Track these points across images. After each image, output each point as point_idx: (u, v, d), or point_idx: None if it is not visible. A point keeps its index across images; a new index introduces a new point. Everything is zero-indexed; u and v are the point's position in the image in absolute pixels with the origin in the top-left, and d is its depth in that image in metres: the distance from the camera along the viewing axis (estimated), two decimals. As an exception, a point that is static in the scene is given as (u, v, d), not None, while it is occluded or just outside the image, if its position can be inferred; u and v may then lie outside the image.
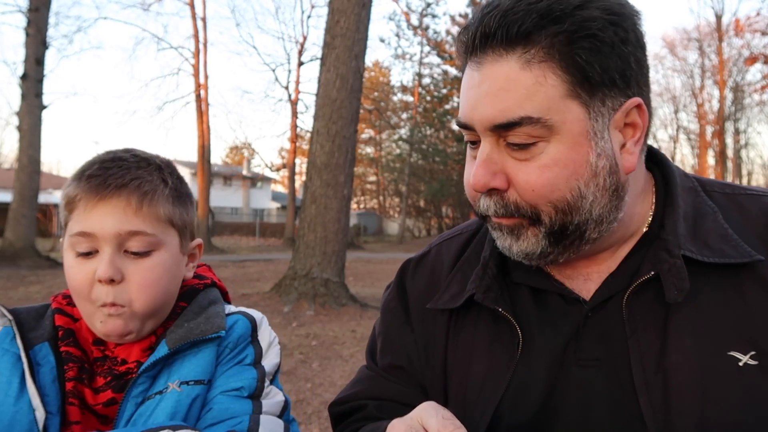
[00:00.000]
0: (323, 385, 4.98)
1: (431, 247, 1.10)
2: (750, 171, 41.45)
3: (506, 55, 0.77)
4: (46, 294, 9.72)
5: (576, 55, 0.75)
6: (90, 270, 0.88)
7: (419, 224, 45.73)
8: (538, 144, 0.78)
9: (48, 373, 0.89)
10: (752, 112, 36.86)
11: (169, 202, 0.94)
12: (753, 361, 0.76)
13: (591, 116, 0.78)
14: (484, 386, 0.89)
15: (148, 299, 0.90)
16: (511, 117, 0.77)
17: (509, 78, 0.77)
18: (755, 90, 32.12)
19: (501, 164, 0.81)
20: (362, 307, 8.81)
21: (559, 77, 0.76)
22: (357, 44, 9.00)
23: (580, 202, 0.79)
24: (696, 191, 0.90)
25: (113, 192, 0.89)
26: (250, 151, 49.91)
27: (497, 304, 0.89)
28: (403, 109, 43.86)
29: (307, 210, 9.02)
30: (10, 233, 14.48)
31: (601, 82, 0.77)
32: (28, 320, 0.94)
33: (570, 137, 0.77)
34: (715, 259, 0.80)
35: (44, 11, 15.21)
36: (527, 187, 0.80)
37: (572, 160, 0.78)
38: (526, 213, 0.81)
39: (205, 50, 28.19)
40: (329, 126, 8.91)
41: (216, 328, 0.92)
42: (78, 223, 0.89)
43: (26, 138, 14.59)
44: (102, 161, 0.92)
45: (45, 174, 33.91)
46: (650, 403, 0.76)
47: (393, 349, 1.02)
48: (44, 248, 16.79)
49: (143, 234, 0.90)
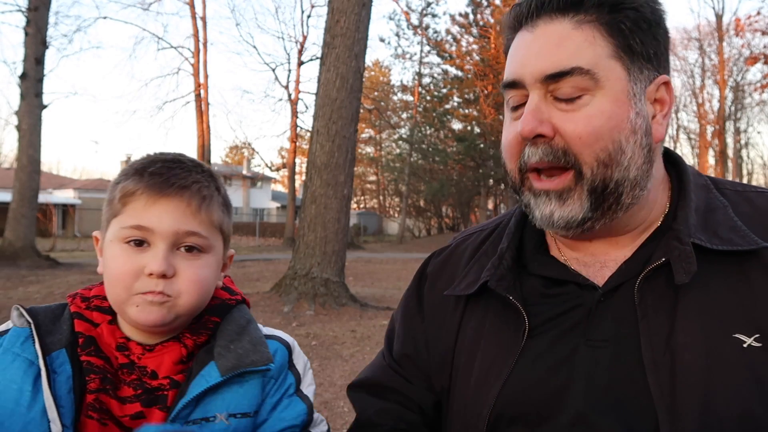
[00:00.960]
0: (323, 385, 4.98)
1: (454, 241, 1.16)
2: (750, 171, 41.48)
3: (559, 17, 0.87)
4: (46, 294, 9.71)
5: (621, 23, 0.85)
6: (139, 262, 0.88)
7: (419, 224, 45.76)
8: (584, 97, 0.85)
9: (64, 382, 0.85)
10: (752, 111, 36.91)
11: (220, 210, 0.97)
12: (757, 343, 0.79)
13: (631, 78, 0.86)
14: (489, 372, 0.92)
15: (194, 296, 0.91)
16: (562, 67, 0.84)
17: (562, 35, 0.86)
18: (755, 89, 32.11)
19: (548, 114, 0.86)
20: (362, 307, 8.81)
21: (606, 39, 0.85)
22: (357, 44, 8.99)
23: (620, 156, 0.85)
24: (708, 188, 0.95)
25: (176, 191, 0.90)
26: (250, 151, 49.97)
27: (509, 292, 0.93)
28: (403, 108, 43.89)
29: (307, 210, 9.02)
30: (10, 233, 14.47)
31: (639, 52, 0.86)
32: (46, 322, 0.91)
33: (613, 93, 0.85)
34: (724, 246, 0.84)
35: (44, 10, 15.19)
36: (574, 135, 0.85)
37: (615, 114, 0.84)
38: (570, 161, 0.86)
39: (205, 50, 28.22)
40: (329, 126, 8.91)
41: (266, 360, 0.92)
42: (134, 217, 0.89)
43: (26, 138, 14.58)
44: (163, 161, 0.94)
45: (45, 174, 33.91)
46: (658, 381, 0.80)
47: (404, 336, 1.08)
48: (44, 248, 16.80)
49: (198, 235, 0.92)
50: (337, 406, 4.42)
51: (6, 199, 17.83)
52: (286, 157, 40.42)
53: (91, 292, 0.97)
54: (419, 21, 36.93)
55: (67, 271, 13.24)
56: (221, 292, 1.02)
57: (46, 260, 14.58)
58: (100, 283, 0.99)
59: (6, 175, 33.53)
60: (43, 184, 19.01)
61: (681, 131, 42.50)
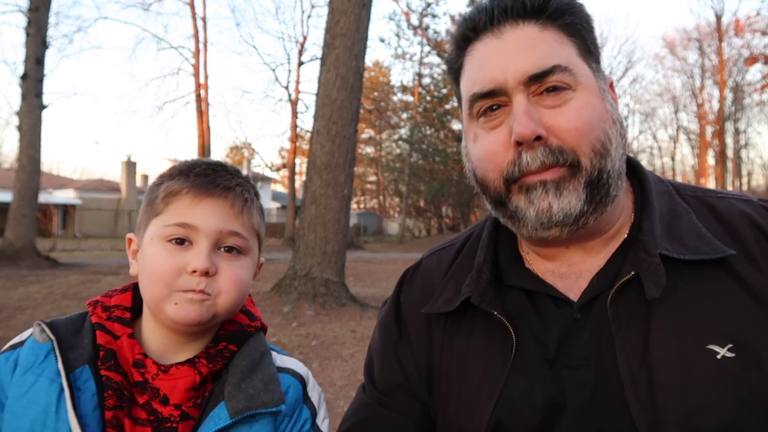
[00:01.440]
0: (323, 385, 4.98)
1: (423, 259, 1.13)
2: (750, 171, 41.47)
3: (523, 23, 0.88)
4: (46, 294, 9.72)
5: (578, 25, 0.89)
6: (181, 260, 0.89)
7: (419, 224, 45.74)
8: (567, 92, 0.86)
9: (89, 400, 0.84)
10: (752, 112, 36.91)
11: (258, 214, 0.99)
12: (730, 353, 0.80)
13: (597, 77, 0.90)
14: (480, 390, 0.90)
15: (233, 295, 0.92)
16: (543, 66, 0.86)
17: (533, 38, 0.87)
18: (755, 90, 32.12)
19: (539, 116, 0.86)
20: (362, 307, 8.81)
21: (569, 39, 0.89)
22: (357, 44, 9.00)
23: (609, 145, 0.87)
24: (671, 194, 0.96)
25: (221, 192, 0.93)
26: (250, 151, 49.91)
27: (492, 307, 0.91)
28: (403, 109, 43.86)
29: (307, 210, 9.02)
30: (10, 233, 14.47)
31: (594, 54, 0.91)
32: (67, 337, 0.89)
33: (590, 88, 0.88)
34: (691, 256, 0.85)
35: (44, 11, 15.20)
36: (570, 128, 0.85)
37: (599, 105, 0.88)
38: (568, 158, 0.85)
39: (205, 50, 28.25)
40: (329, 126, 8.91)
41: (277, 402, 0.90)
42: (178, 216, 0.91)
43: (26, 138, 14.58)
44: (207, 164, 0.96)
45: (45, 174, 33.90)
46: (637, 398, 0.80)
47: (390, 367, 1.03)
48: (44, 248, 16.79)
49: (240, 236, 0.94)
50: (337, 406, 4.43)
51: (6, 199, 17.84)
52: (286, 158, 40.47)
53: (111, 301, 0.96)
54: (419, 21, 36.95)
55: (68, 271, 13.24)
56: (241, 315, 1.01)
57: (47, 260, 14.59)
58: (122, 290, 0.98)
59: (6, 175, 33.54)
60: (43, 184, 19.01)
61: (681, 131, 42.52)
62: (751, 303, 0.82)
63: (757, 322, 0.81)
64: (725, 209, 0.92)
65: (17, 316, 7.73)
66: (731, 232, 0.89)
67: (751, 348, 0.80)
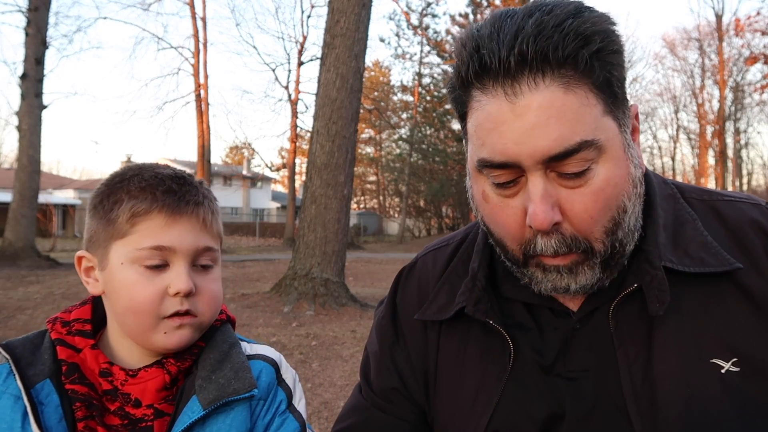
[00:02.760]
0: (323, 385, 4.98)
1: (418, 259, 1.10)
2: (750, 171, 41.46)
3: (543, 81, 0.72)
4: (46, 294, 9.71)
5: (608, 72, 0.74)
6: (161, 283, 0.87)
7: (419, 224, 45.74)
8: (591, 167, 0.75)
9: (53, 412, 0.84)
10: (752, 111, 36.89)
11: (219, 220, 0.99)
12: (735, 368, 0.78)
13: (621, 129, 0.78)
14: (476, 399, 0.88)
15: (213, 310, 0.93)
16: (567, 145, 0.72)
17: (555, 105, 0.72)
18: (755, 90, 32.11)
19: (556, 196, 0.76)
20: (362, 307, 8.80)
21: (596, 96, 0.74)
22: (357, 44, 8.99)
23: (623, 217, 0.79)
24: (675, 198, 0.91)
25: (193, 209, 0.91)
26: (250, 151, 49.96)
27: (488, 316, 0.88)
28: (403, 108, 43.85)
29: (307, 210, 9.02)
30: (10, 233, 14.46)
31: (621, 94, 0.78)
32: (25, 355, 0.88)
33: (614, 154, 0.76)
34: (696, 268, 0.81)
35: (44, 11, 15.19)
36: (585, 216, 0.76)
37: (619, 177, 0.77)
38: (581, 246, 0.78)
39: (205, 50, 28.21)
40: (329, 126, 8.91)
41: (248, 387, 0.90)
42: (152, 238, 0.88)
43: (26, 138, 14.57)
44: (170, 177, 0.92)
45: (45, 174, 33.91)
46: (639, 412, 0.78)
47: (386, 370, 1.01)
48: (44, 248, 16.79)
49: (213, 249, 0.94)
50: (337, 406, 4.42)
51: (6, 199, 17.84)
52: (286, 157, 40.46)
53: (71, 315, 0.94)
54: (419, 21, 36.95)
55: (67, 272, 13.23)
56: None
57: (46, 260, 14.57)
58: (80, 304, 0.97)
59: (6, 175, 33.55)
60: (43, 184, 19.01)
61: (681, 131, 42.52)
62: (756, 315, 0.80)
63: (761, 335, 0.79)
64: (733, 215, 0.88)
65: (17, 316, 7.73)
66: (738, 240, 0.85)
67: (756, 362, 0.78)
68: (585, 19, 0.72)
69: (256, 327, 7.32)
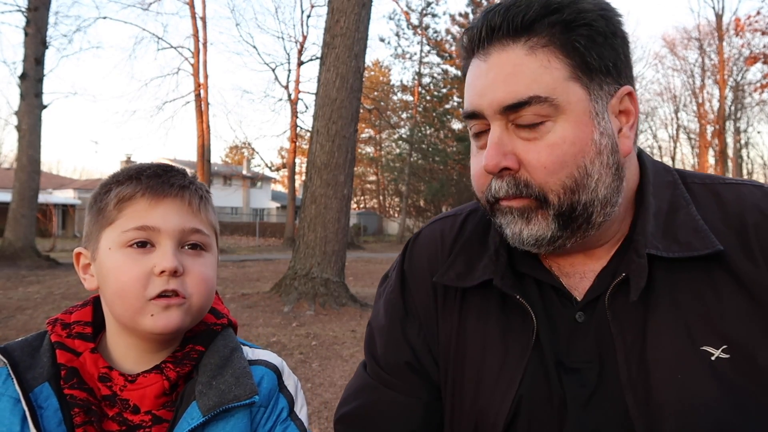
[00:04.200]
0: (323, 385, 4.98)
1: (423, 229, 1.10)
2: (750, 170, 41.44)
3: (512, 44, 0.84)
4: (46, 294, 9.71)
5: (575, 41, 0.82)
6: (147, 264, 0.87)
7: (419, 224, 45.68)
8: (546, 123, 0.82)
9: (52, 416, 0.83)
10: (752, 111, 36.87)
11: (213, 211, 0.99)
12: (725, 354, 0.79)
13: (592, 98, 0.84)
14: (500, 375, 0.89)
15: (205, 294, 0.91)
16: (520, 97, 0.82)
17: (516, 63, 0.83)
18: (755, 89, 32.08)
19: (511, 146, 0.85)
20: (362, 307, 8.80)
21: (561, 61, 0.82)
22: (357, 44, 8.98)
23: (586, 180, 0.83)
24: (675, 184, 0.93)
25: (177, 191, 0.92)
26: (250, 151, 49.90)
27: (515, 291, 0.90)
28: (403, 108, 43.87)
29: (307, 210, 9.02)
30: (10, 233, 14.46)
31: (597, 68, 0.83)
32: (23, 358, 0.88)
33: (574, 116, 0.82)
34: (682, 253, 0.83)
35: (44, 11, 15.18)
36: (538, 165, 0.83)
37: (578, 138, 0.82)
38: (533, 193, 0.84)
39: (204, 50, 28.19)
40: (329, 126, 8.90)
41: (249, 393, 0.89)
42: (136, 219, 0.88)
43: (26, 138, 14.57)
44: (156, 166, 0.95)
45: (45, 174, 33.90)
46: (635, 400, 0.79)
47: (396, 344, 1.00)
48: (44, 248, 16.79)
49: (201, 233, 0.93)
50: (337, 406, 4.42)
51: (6, 199, 17.83)
52: (286, 157, 40.42)
53: (71, 317, 0.94)
54: (419, 21, 36.96)
55: (67, 272, 13.22)
56: (207, 315, 1.00)
57: (46, 260, 14.57)
58: (81, 306, 0.96)
59: (6, 175, 33.54)
60: (43, 184, 19.00)
61: (681, 131, 42.52)
62: (746, 300, 0.81)
63: (751, 322, 0.80)
64: (732, 198, 0.89)
65: (17, 317, 7.72)
66: (733, 222, 0.86)
67: (745, 349, 0.79)
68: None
69: (256, 327, 7.32)
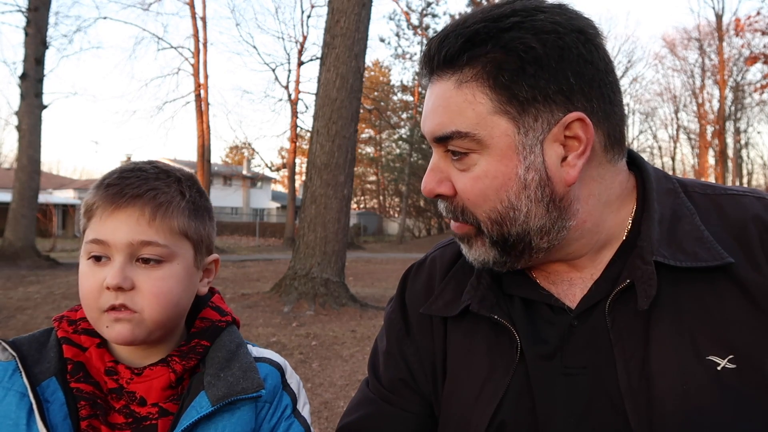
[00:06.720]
0: (323, 385, 4.98)
1: (428, 255, 1.12)
2: (750, 171, 41.48)
3: (447, 75, 0.85)
4: (46, 294, 9.72)
5: (500, 76, 0.80)
6: (101, 277, 0.87)
7: (419, 224, 45.74)
8: (471, 155, 0.84)
9: (58, 410, 0.84)
10: (753, 111, 36.92)
11: (185, 215, 0.93)
12: (731, 364, 0.78)
13: (521, 131, 0.81)
14: (482, 391, 0.89)
15: (158, 308, 0.89)
16: (444, 131, 0.84)
17: (446, 96, 0.85)
18: (755, 89, 32.07)
19: (447, 172, 0.88)
20: (362, 307, 8.81)
21: (487, 96, 0.81)
22: (357, 44, 8.99)
23: (512, 213, 0.84)
24: (676, 193, 0.91)
25: (129, 201, 0.89)
26: (250, 151, 49.91)
27: (493, 312, 0.90)
28: (403, 108, 43.88)
29: (307, 210, 9.02)
30: (10, 233, 14.46)
31: (531, 98, 0.80)
32: (31, 353, 0.90)
33: (498, 151, 0.82)
34: (689, 263, 0.82)
35: (44, 11, 15.19)
36: (464, 196, 0.86)
37: (501, 173, 0.83)
38: (468, 219, 0.87)
39: (205, 50, 28.20)
40: (329, 126, 8.91)
41: (256, 387, 0.91)
42: (93, 231, 0.89)
43: (26, 138, 14.57)
44: (122, 171, 0.93)
45: (45, 174, 33.93)
46: (635, 409, 0.78)
47: (395, 362, 1.03)
48: (44, 248, 16.79)
49: (155, 244, 0.89)
50: (337, 406, 4.42)
51: (6, 199, 17.84)
52: (286, 157, 40.44)
53: (77, 314, 0.95)
54: (419, 21, 36.97)
55: (67, 272, 13.23)
56: (211, 312, 1.00)
57: (46, 260, 14.58)
58: None
59: (6, 175, 33.55)
60: (43, 184, 19.01)
61: (681, 131, 42.54)
62: (752, 311, 0.80)
63: (758, 331, 0.79)
64: (735, 210, 0.88)
65: (17, 317, 7.73)
66: (737, 234, 0.85)
67: (752, 358, 0.78)
68: (498, 26, 0.80)
69: (256, 327, 7.32)
